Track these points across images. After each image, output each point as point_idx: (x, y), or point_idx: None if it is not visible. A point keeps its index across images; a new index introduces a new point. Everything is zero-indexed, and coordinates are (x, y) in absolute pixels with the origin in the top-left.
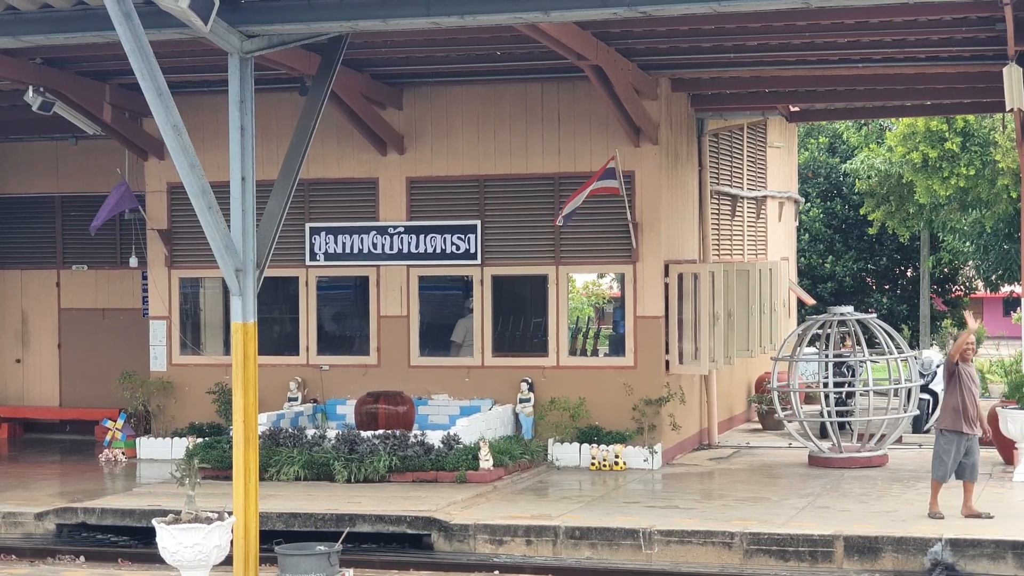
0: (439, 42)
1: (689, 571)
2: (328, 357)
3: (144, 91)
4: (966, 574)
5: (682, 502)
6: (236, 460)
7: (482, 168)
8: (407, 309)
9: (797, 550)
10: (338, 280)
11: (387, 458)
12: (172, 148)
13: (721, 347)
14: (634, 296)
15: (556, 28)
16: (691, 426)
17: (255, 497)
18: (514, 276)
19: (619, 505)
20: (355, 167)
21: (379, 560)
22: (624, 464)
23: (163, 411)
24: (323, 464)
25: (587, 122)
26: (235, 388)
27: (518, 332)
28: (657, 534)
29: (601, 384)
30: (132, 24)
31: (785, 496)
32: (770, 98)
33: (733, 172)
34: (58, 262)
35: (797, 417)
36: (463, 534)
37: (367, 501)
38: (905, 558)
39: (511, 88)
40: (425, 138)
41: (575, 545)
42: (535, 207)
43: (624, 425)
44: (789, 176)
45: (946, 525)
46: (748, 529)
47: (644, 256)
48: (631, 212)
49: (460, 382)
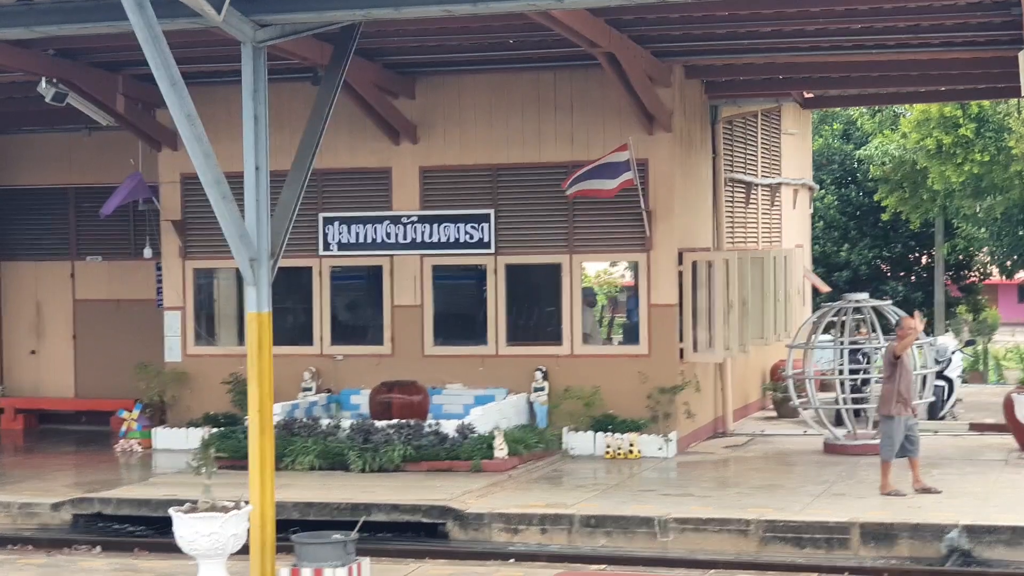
0: (451, 31)
1: (704, 559)
2: (342, 347)
3: (158, 81)
4: (983, 560)
5: (697, 490)
6: (252, 449)
7: (495, 157)
8: (421, 298)
9: (813, 537)
10: (352, 270)
11: (401, 447)
12: (186, 138)
13: (736, 335)
14: (648, 284)
15: (569, 15)
16: (706, 414)
17: (271, 486)
18: (528, 265)
19: (634, 493)
20: (368, 157)
21: (395, 549)
22: (639, 452)
23: (178, 401)
24: (338, 454)
25: (600, 110)
26: (250, 378)
27: (532, 321)
28: (672, 522)
29: (615, 372)
30: (145, 14)
31: (800, 484)
32: (784, 85)
33: (747, 159)
34: (72, 253)
35: (812, 405)
36: (478, 523)
37: (382, 490)
38: (921, 544)
39: (524, 76)
40: (438, 127)
41: (590, 533)
42: (548, 196)
43: (638, 413)
44: (803, 163)
45: (963, 512)
46: (764, 517)
47: (658, 244)
48: (644, 200)
49: (474, 371)
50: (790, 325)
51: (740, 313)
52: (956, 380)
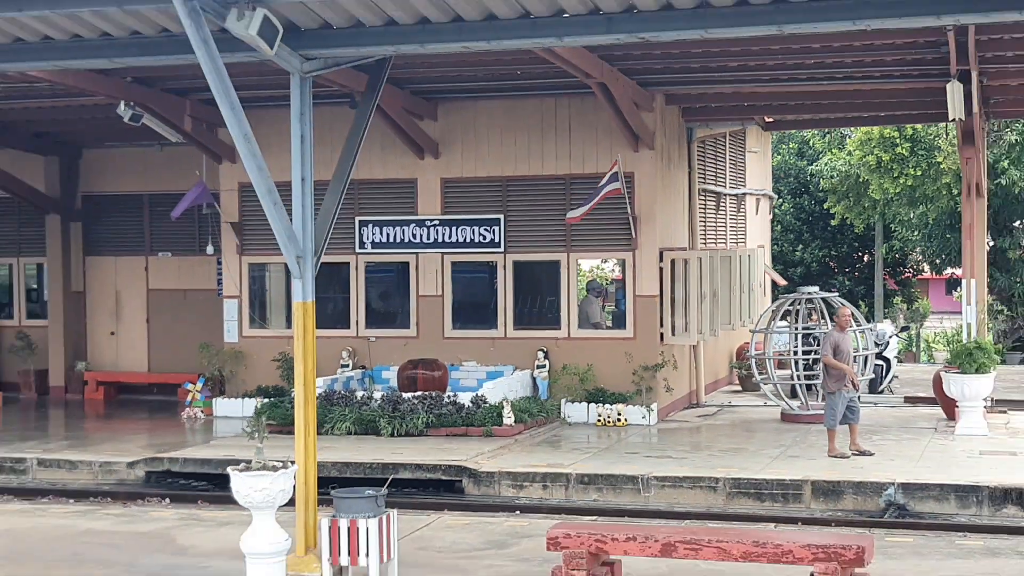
0: (468, 63)
1: (681, 511)
2: (374, 330)
3: (219, 106)
4: (915, 513)
5: (674, 452)
6: (297, 417)
7: (505, 170)
8: (441, 290)
9: (771, 492)
10: (383, 265)
11: (424, 415)
12: (243, 154)
13: (707, 322)
14: (633, 278)
15: (567, 51)
16: (682, 388)
17: (313, 449)
18: (532, 261)
19: (621, 455)
20: (397, 169)
21: (418, 502)
22: (625, 421)
23: (235, 376)
24: (370, 421)
25: (593, 131)
26: (296, 357)
27: (535, 309)
28: (653, 480)
29: (606, 353)
30: (209, 49)
31: (761, 447)
32: (748, 110)
33: (717, 173)
34: (146, 250)
35: (771, 380)
36: (489, 480)
37: (407, 452)
38: (863, 499)
39: (529, 102)
40: (456, 144)
41: (584, 489)
42: (549, 203)
43: (625, 387)
44: (764, 176)
45: (899, 472)
46: (730, 475)
47: (642, 244)
48: (631, 207)
49: (486, 351)
50: (753, 313)
51: (711, 303)
52: (893, 360)
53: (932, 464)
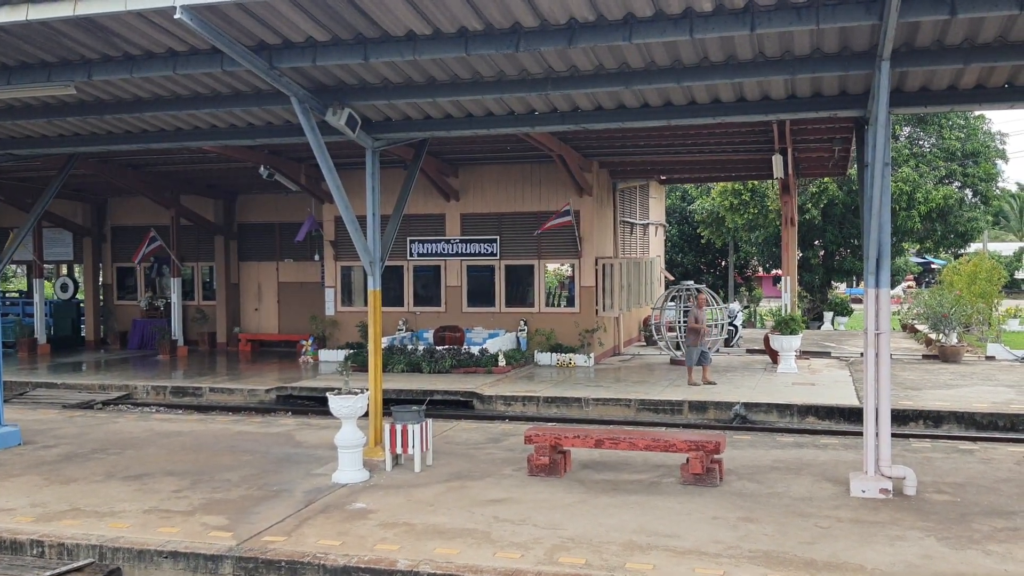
0: (478, 141)
1: (609, 420)
2: (419, 307)
3: (321, 168)
4: (753, 421)
5: (604, 383)
6: (370, 361)
7: (500, 208)
8: (460, 282)
9: (664, 408)
10: (424, 267)
11: (450, 360)
12: (336, 199)
13: (624, 302)
14: (579, 275)
15: (538, 135)
16: (609, 343)
17: (380, 381)
18: (517, 265)
19: (571, 385)
20: (432, 208)
21: (445, 415)
22: (574, 364)
23: (332, 336)
24: (416, 363)
25: (555, 184)
26: (370, 323)
27: (519, 295)
28: (591, 400)
29: (562, 322)
30: (315, 133)
31: (658, 380)
32: (650, 172)
33: (631, 210)
34: (277, 257)
35: (664, 339)
36: (490, 400)
37: (439, 383)
38: (720, 412)
39: (515, 166)
40: (470, 192)
41: (548, 406)
42: (527, 228)
43: (574, 343)
44: (660, 213)
45: (742, 395)
46: (638, 397)
47: (585, 254)
48: (578, 231)
49: (488, 321)
50: (653, 297)
51: (627, 291)
52: (739, 326)
53: (763, 391)
